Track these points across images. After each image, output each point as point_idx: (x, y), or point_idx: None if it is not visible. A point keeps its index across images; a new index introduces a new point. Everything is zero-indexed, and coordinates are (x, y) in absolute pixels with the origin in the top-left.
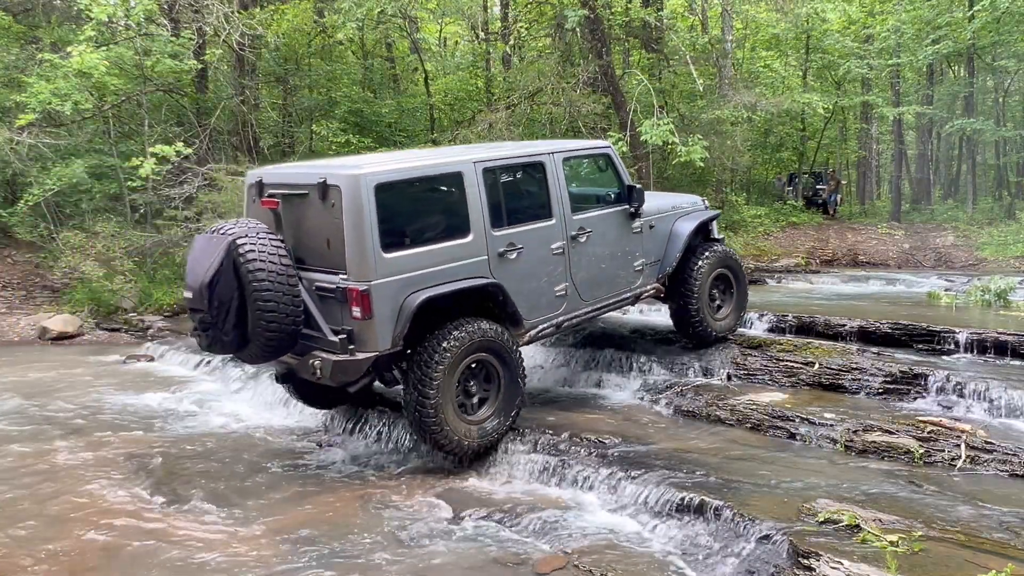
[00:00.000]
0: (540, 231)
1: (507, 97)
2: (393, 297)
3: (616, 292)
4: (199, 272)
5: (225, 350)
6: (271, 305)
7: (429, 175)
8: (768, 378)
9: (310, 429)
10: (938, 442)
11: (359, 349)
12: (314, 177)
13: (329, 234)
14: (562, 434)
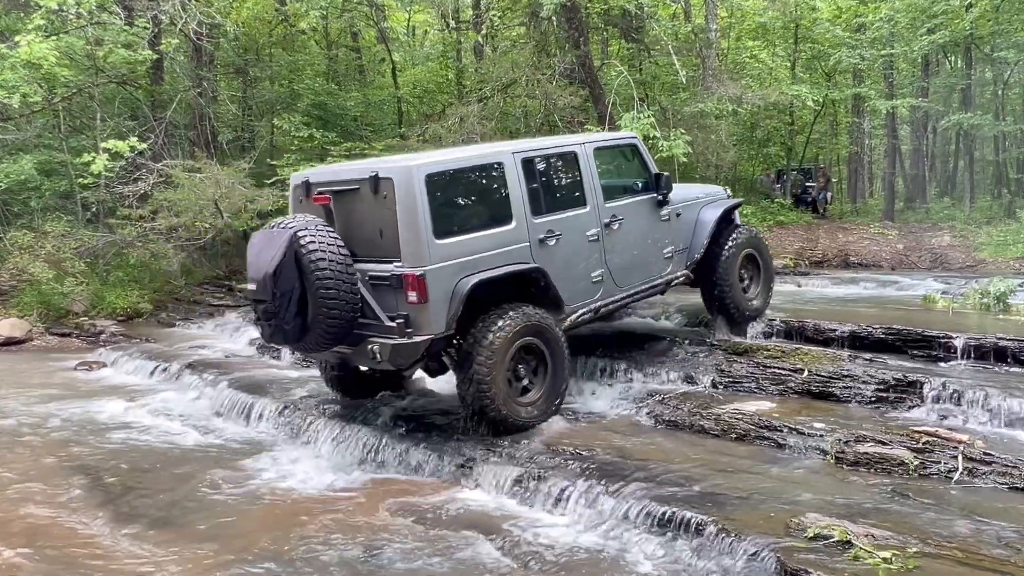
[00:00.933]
0: (576, 218)
1: (479, 89)
2: (446, 282)
3: (648, 279)
4: (262, 264)
5: (286, 339)
6: (332, 294)
7: (474, 165)
8: (754, 386)
9: (264, 440)
10: (934, 453)
11: (415, 333)
12: (365, 172)
13: (382, 225)
14: (536, 445)
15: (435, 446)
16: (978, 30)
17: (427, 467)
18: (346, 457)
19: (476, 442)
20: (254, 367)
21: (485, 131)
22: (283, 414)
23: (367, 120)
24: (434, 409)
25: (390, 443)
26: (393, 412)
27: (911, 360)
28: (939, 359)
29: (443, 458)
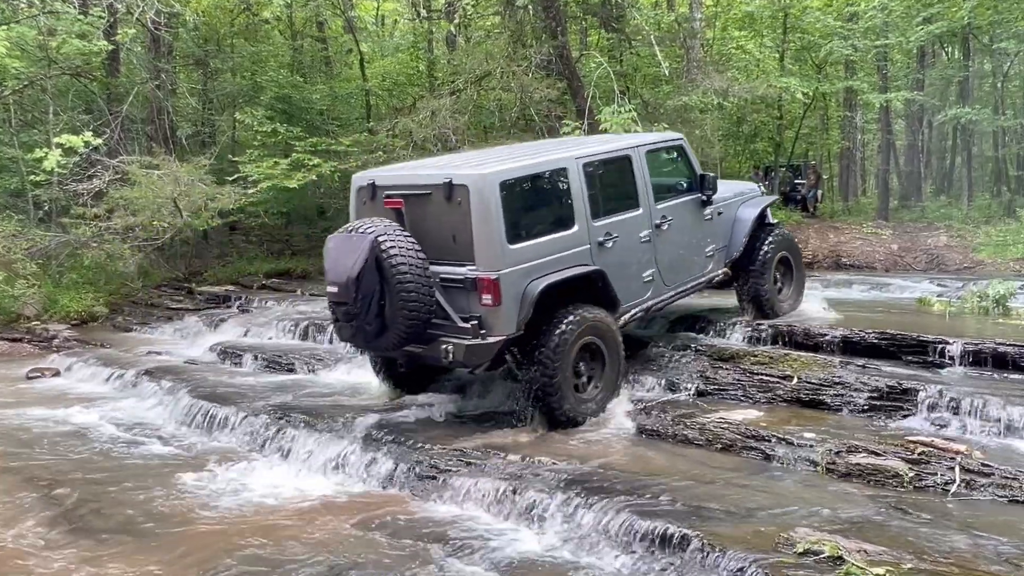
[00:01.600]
0: (630, 221)
1: (451, 82)
2: (517, 284)
3: (693, 277)
4: (344, 268)
5: (365, 339)
6: (412, 296)
7: (542, 171)
8: (741, 394)
9: (227, 450)
10: (930, 464)
11: (488, 334)
12: (437, 178)
13: (455, 230)
14: (512, 456)
15: (406, 457)
16: (977, 19)
17: (398, 478)
18: (314, 468)
19: (449, 453)
20: (215, 374)
21: (458, 125)
22: (247, 423)
23: (334, 114)
24: (410, 420)
25: (360, 453)
26: (368, 423)
27: (906, 366)
28: (935, 365)
29: (414, 469)
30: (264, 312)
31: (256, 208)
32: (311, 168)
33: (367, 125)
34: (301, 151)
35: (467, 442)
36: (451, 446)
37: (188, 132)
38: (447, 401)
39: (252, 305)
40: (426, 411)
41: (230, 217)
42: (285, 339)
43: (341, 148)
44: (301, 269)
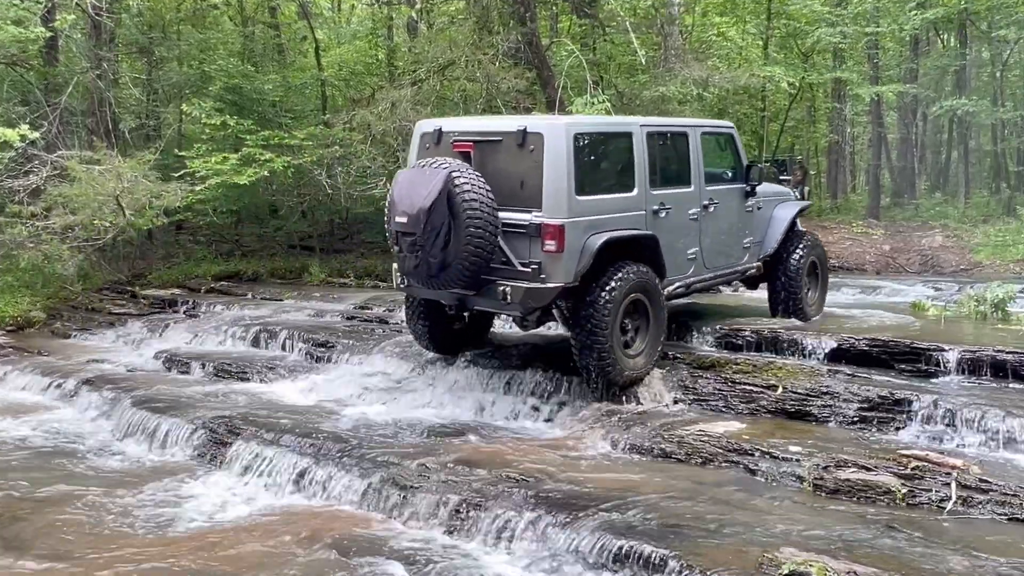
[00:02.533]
0: (683, 196)
1: (413, 71)
2: (579, 236)
3: (730, 264)
4: (416, 199)
5: (427, 273)
6: (479, 233)
7: (611, 132)
8: (722, 404)
9: (173, 465)
10: (924, 480)
11: (547, 280)
12: (511, 126)
13: (524, 176)
14: (478, 471)
15: (365, 471)
16: (974, 5)
17: (355, 495)
18: (267, 483)
19: (411, 468)
20: (161, 383)
21: (419, 118)
22: (194, 436)
23: (287, 106)
24: (376, 435)
25: (315, 468)
26: (326, 434)
27: (898, 375)
28: (930, 374)
29: (373, 485)
30: (213, 317)
31: (204, 206)
32: (263, 163)
33: (323, 117)
34: (252, 145)
35: (430, 458)
36: (417, 460)
37: (131, 125)
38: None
39: (200, 310)
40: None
41: (176, 216)
42: (235, 346)
43: (295, 142)
44: (252, 271)
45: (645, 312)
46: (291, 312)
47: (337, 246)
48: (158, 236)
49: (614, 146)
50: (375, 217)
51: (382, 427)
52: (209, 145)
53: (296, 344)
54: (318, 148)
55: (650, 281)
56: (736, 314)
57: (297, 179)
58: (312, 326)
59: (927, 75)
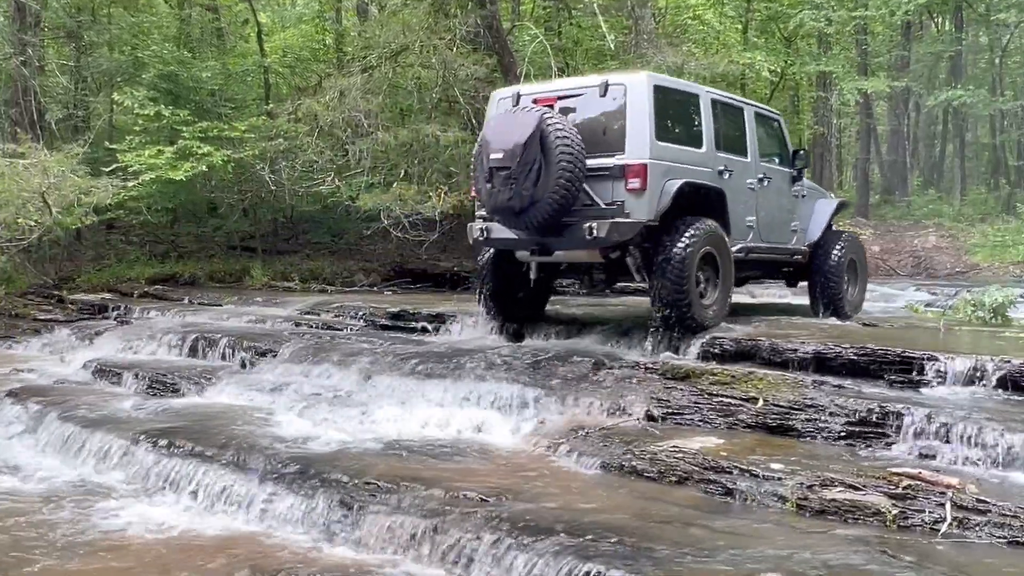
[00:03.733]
0: (741, 165)
1: (363, 57)
2: (659, 177)
3: (781, 243)
4: (511, 136)
5: (519, 206)
6: (569, 169)
7: (682, 91)
8: (698, 418)
9: (104, 485)
10: (916, 500)
11: (631, 216)
12: (590, 82)
13: (606, 124)
14: (434, 491)
15: (309, 492)
16: None
17: (298, 517)
18: (204, 506)
19: (361, 487)
20: (91, 395)
21: (370, 108)
22: (125, 452)
23: (227, 95)
24: (321, 451)
25: (256, 488)
26: (269, 450)
27: (889, 387)
28: (923, 385)
29: (318, 506)
30: (146, 324)
31: (137, 204)
32: (200, 157)
33: (265, 108)
34: (189, 137)
35: (380, 476)
36: (362, 478)
37: (58, 116)
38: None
39: (132, 316)
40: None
41: (107, 214)
42: (171, 355)
43: (235, 134)
44: (189, 274)
45: (715, 266)
46: (231, 318)
47: (281, 247)
48: (87, 236)
49: (685, 104)
50: (322, 216)
51: (328, 442)
52: (142, 137)
53: (237, 353)
54: (260, 141)
55: (721, 236)
56: (775, 312)
57: (238, 174)
58: (254, 333)
59: (920, 62)
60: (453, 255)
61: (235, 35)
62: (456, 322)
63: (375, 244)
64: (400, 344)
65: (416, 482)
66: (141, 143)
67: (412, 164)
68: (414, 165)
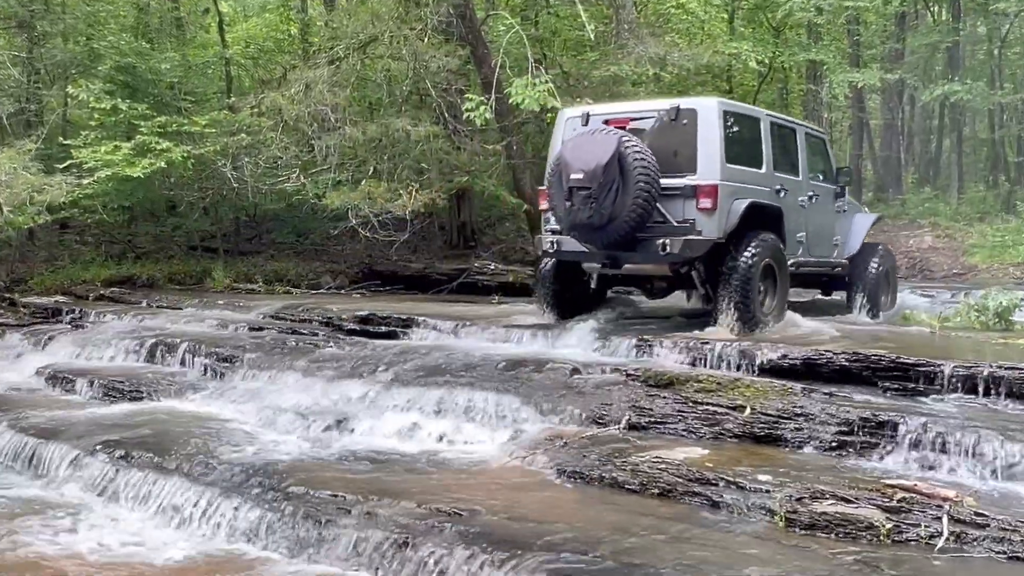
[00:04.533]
0: (794, 184)
1: (330, 48)
2: (728, 197)
3: (825, 256)
4: (592, 158)
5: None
6: (646, 188)
7: (746, 114)
8: (682, 427)
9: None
10: (912, 513)
11: (701, 234)
12: (661, 105)
13: (677, 146)
14: (404, 504)
15: (273, 505)
16: None
17: (262, 532)
18: (162, 519)
19: (328, 501)
20: (44, 403)
21: (337, 101)
22: (80, 463)
23: (187, 88)
24: (285, 462)
25: (218, 502)
26: (233, 461)
27: (883, 395)
28: (919, 393)
29: (283, 520)
30: (102, 328)
31: (92, 202)
32: (159, 153)
33: (227, 101)
34: (147, 133)
35: (348, 489)
36: (329, 491)
37: (9, 110)
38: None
39: (88, 319)
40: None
41: (61, 213)
42: (128, 361)
43: (196, 129)
44: (147, 275)
45: (773, 277)
46: (192, 322)
47: (243, 247)
48: (40, 236)
49: (748, 127)
50: (287, 214)
51: (292, 453)
52: (98, 133)
53: (197, 359)
54: (222, 136)
55: (780, 249)
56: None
57: (198, 171)
58: (215, 338)
59: (915, 53)
60: (424, 256)
61: (195, 25)
62: (427, 327)
63: (342, 244)
64: (369, 350)
65: (386, 494)
66: (97, 138)
67: (381, 160)
68: (383, 161)
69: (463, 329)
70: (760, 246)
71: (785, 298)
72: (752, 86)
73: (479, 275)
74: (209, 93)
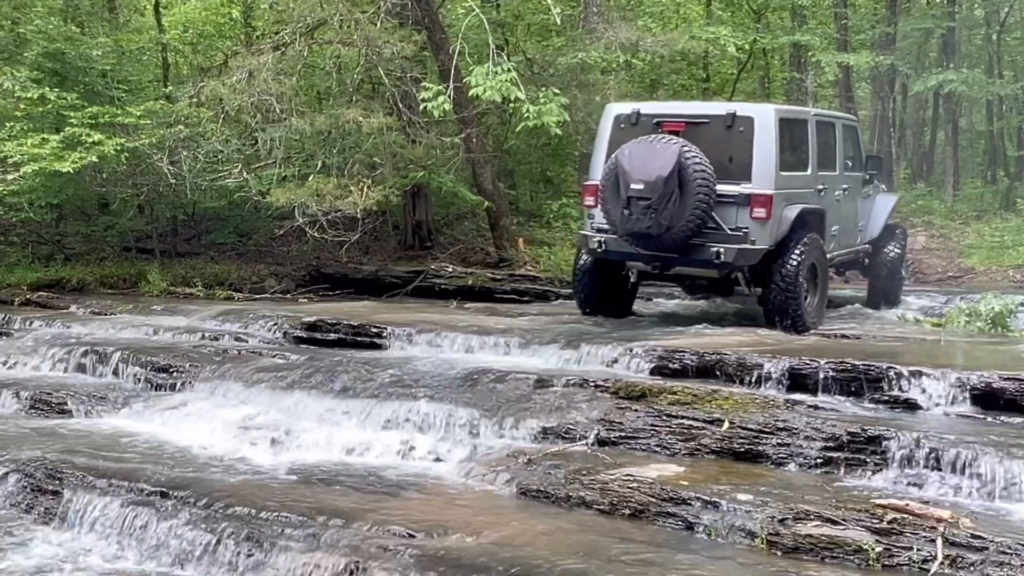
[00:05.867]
0: (831, 179)
1: (275, 33)
2: (781, 205)
3: (852, 244)
4: (653, 169)
5: (656, 232)
6: (704, 199)
7: (797, 118)
8: (655, 442)
9: None
10: (904, 536)
11: (755, 244)
12: (717, 110)
13: (733, 153)
14: (355, 525)
15: (213, 526)
16: None
17: (199, 555)
18: (95, 541)
19: (276, 520)
20: None
21: (283, 90)
22: (10, 480)
23: (121, 76)
24: (227, 478)
25: (152, 522)
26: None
27: (872, 407)
28: (911, 406)
29: (223, 542)
30: (28, 336)
31: (18, 199)
32: (90, 147)
33: (164, 90)
34: (77, 124)
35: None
36: (274, 511)
37: None
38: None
39: (12, 326)
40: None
41: None
42: (56, 371)
43: (130, 120)
44: (77, 279)
45: (815, 274)
46: (126, 329)
47: (181, 248)
48: None
49: (798, 130)
50: (228, 213)
51: (235, 469)
52: (24, 124)
53: (132, 369)
54: (158, 128)
55: (822, 249)
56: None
57: (133, 166)
58: (151, 347)
59: (908, 38)
60: (377, 257)
61: (129, 8)
62: (381, 335)
63: (288, 245)
64: (317, 359)
65: (335, 515)
66: (23, 130)
67: (330, 154)
68: (333, 155)
69: (420, 336)
70: (806, 248)
71: (825, 295)
72: (731, 74)
73: (436, 278)
74: (144, 81)
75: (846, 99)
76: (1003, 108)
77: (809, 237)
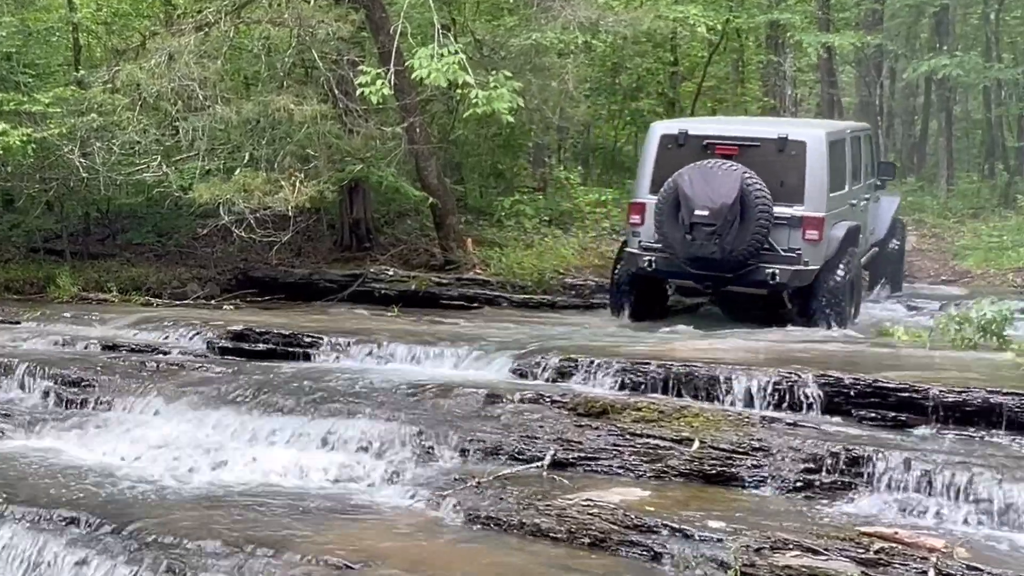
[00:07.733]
0: (860, 190)
1: (197, 12)
2: (830, 225)
3: (867, 247)
4: (718, 195)
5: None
6: (765, 225)
7: (837, 139)
8: (617, 464)
9: None
10: (892, 567)
11: (808, 264)
12: (770, 133)
13: (784, 176)
14: (286, 555)
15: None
16: None
17: None
18: None
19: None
20: None
21: (207, 75)
22: None
23: (27, 59)
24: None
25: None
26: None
27: (857, 425)
28: (900, 423)
29: (140, 574)
30: None
31: None
32: None
33: (75, 75)
34: None
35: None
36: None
37: None
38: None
39: None
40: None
41: None
42: None
43: (37, 108)
44: None
45: (853, 287)
46: (32, 339)
47: (95, 249)
48: None
49: (839, 149)
50: (146, 211)
51: (153, 494)
52: None
53: (40, 383)
54: (69, 116)
55: (859, 261)
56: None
57: (40, 158)
58: (61, 359)
59: (896, 17)
60: (310, 259)
61: None
62: (316, 345)
63: (212, 246)
64: (245, 372)
65: (264, 543)
66: None
67: (259, 146)
68: (261, 147)
69: (357, 346)
70: (850, 263)
71: (860, 300)
72: (701, 57)
73: (375, 282)
74: (53, 65)
75: (828, 84)
76: (1002, 94)
77: (850, 252)
